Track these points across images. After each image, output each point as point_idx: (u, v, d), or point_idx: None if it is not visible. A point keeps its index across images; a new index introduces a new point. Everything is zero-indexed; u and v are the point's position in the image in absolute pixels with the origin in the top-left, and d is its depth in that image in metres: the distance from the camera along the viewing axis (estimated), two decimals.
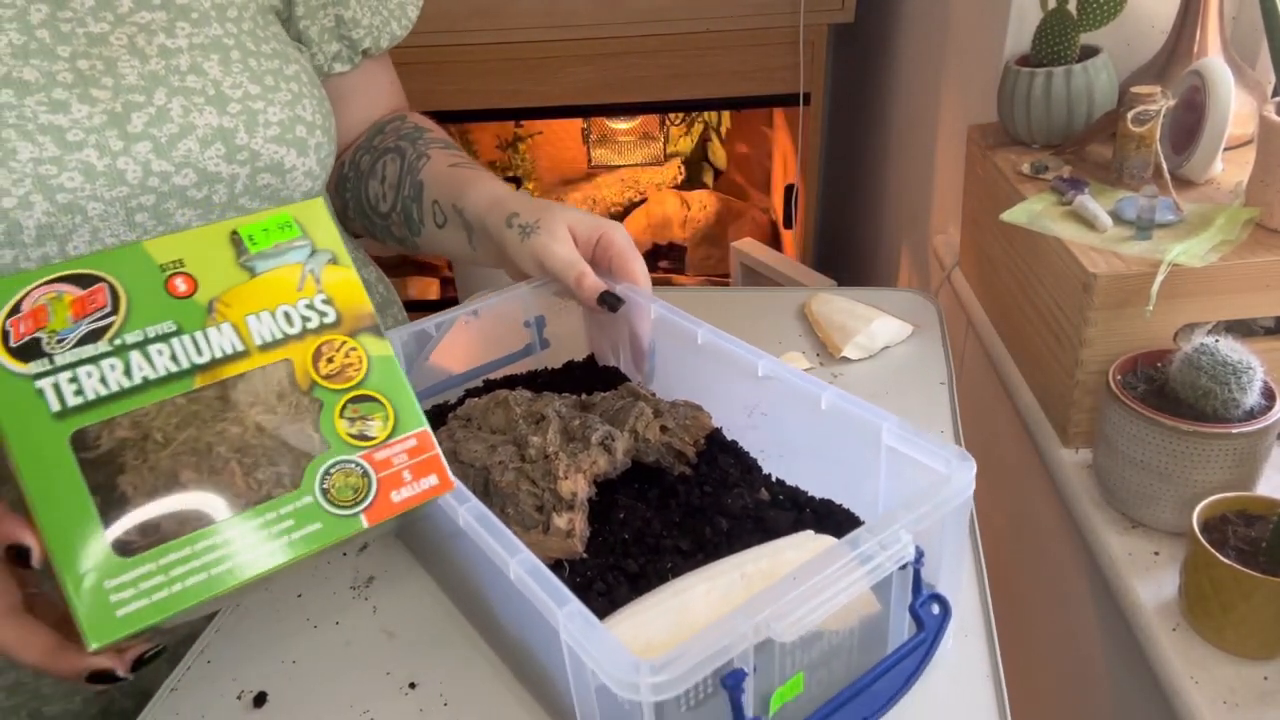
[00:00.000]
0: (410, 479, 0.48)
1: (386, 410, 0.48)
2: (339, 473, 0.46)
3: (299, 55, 0.72)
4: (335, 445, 0.47)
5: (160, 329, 0.44)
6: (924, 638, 0.48)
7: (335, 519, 0.46)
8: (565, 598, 0.43)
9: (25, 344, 0.42)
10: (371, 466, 0.47)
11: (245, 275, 0.47)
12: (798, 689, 0.46)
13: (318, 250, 0.49)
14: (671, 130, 2.74)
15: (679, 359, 0.70)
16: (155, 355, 0.44)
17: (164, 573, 0.42)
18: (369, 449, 0.47)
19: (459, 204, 0.75)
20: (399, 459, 0.48)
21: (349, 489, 0.46)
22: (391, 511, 0.47)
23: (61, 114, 0.58)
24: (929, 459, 0.51)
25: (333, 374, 0.47)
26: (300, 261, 0.48)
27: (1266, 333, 0.76)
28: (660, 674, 0.39)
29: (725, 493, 0.61)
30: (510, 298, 0.74)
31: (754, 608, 0.42)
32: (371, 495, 0.47)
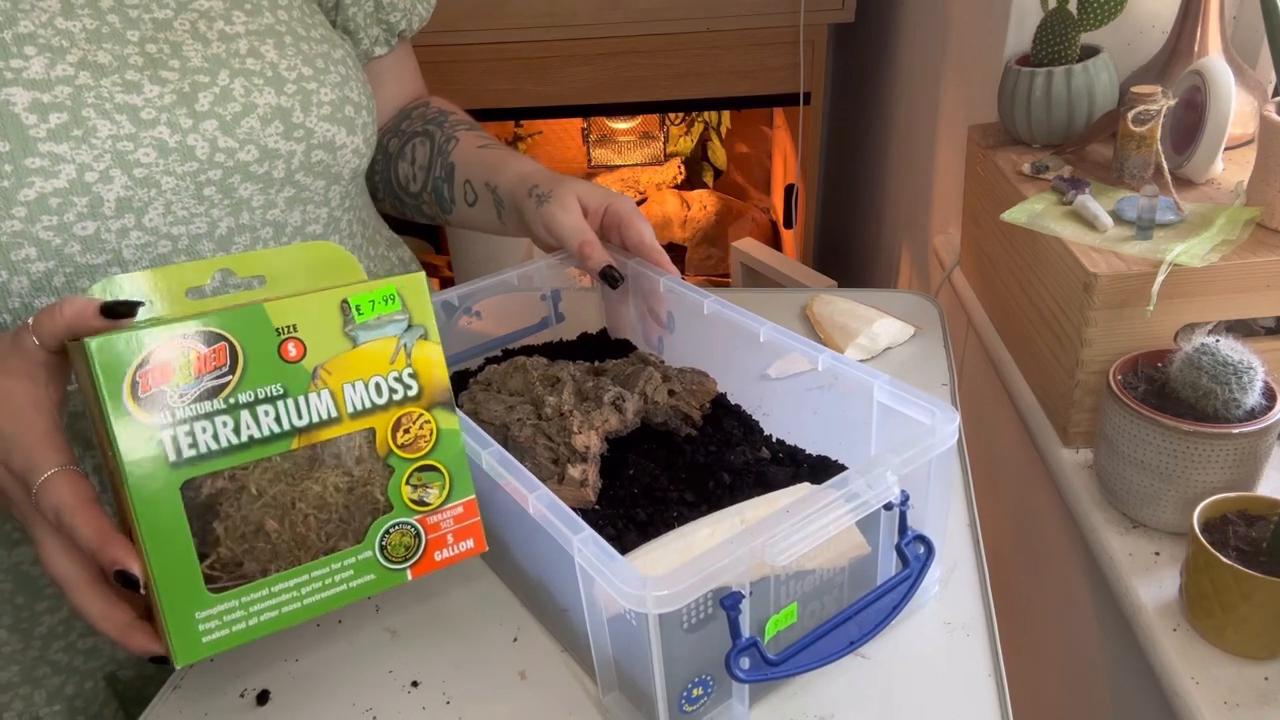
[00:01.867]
0: (452, 541, 0.54)
1: (445, 479, 0.53)
2: (396, 532, 0.52)
3: (341, 41, 0.77)
4: (398, 508, 0.52)
5: (269, 391, 0.48)
6: (909, 573, 0.52)
7: (387, 572, 0.52)
8: (579, 526, 0.47)
9: (150, 396, 0.45)
10: (424, 529, 0.53)
11: (348, 344, 0.50)
12: (791, 619, 0.51)
13: (413, 325, 0.52)
14: (671, 130, 2.73)
15: (686, 327, 0.74)
16: (262, 416, 0.48)
17: (244, 609, 0.48)
18: (424, 514, 0.52)
19: (492, 182, 0.80)
20: (446, 523, 0.53)
21: (402, 547, 0.52)
22: (432, 568, 0.53)
23: (135, 94, 0.61)
24: (916, 412, 0.55)
25: (407, 444, 0.52)
26: (397, 335, 0.51)
27: (1267, 333, 0.77)
28: (663, 588, 0.43)
29: (728, 451, 0.65)
30: (529, 273, 0.80)
31: (750, 535, 0.46)
32: (420, 553, 0.53)
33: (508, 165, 0.80)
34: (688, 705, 0.49)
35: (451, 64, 1.67)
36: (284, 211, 0.70)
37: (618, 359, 0.73)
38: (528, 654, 0.58)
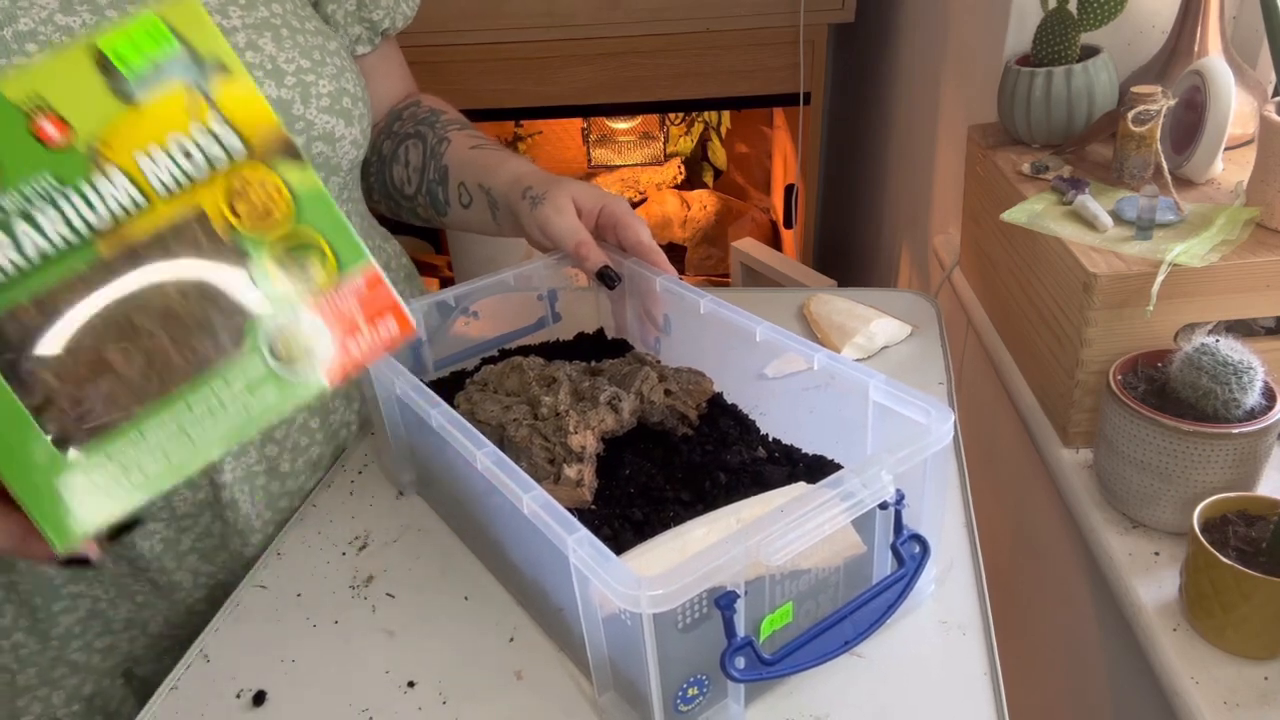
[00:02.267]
0: (365, 328, 0.42)
1: (324, 250, 0.42)
2: (280, 331, 0.41)
3: (334, 34, 0.77)
4: (273, 299, 0.40)
5: (37, 188, 0.37)
6: (904, 573, 0.52)
7: (291, 383, 0.41)
8: (574, 526, 0.47)
9: None
10: (320, 317, 0.41)
11: (122, 105, 0.38)
12: (787, 618, 0.50)
13: (202, 61, 0.40)
14: (671, 130, 2.73)
15: (683, 327, 0.74)
16: (44, 221, 0.37)
17: (119, 465, 0.38)
18: (315, 298, 0.41)
19: (486, 184, 0.80)
20: (347, 305, 0.42)
21: (299, 347, 0.41)
22: (354, 366, 0.42)
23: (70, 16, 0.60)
24: (911, 411, 0.55)
25: (254, 216, 0.41)
26: (185, 80, 0.39)
27: (1267, 333, 0.76)
28: (658, 588, 0.43)
29: (724, 450, 0.65)
30: (526, 273, 0.79)
31: (745, 535, 0.45)
32: (329, 350, 0.41)
33: (502, 166, 0.80)
34: (683, 705, 0.48)
35: (451, 64, 1.67)
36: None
37: (614, 359, 0.73)
38: (524, 654, 0.58)
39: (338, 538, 0.69)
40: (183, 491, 0.68)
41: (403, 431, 0.70)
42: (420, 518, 0.71)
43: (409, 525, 0.70)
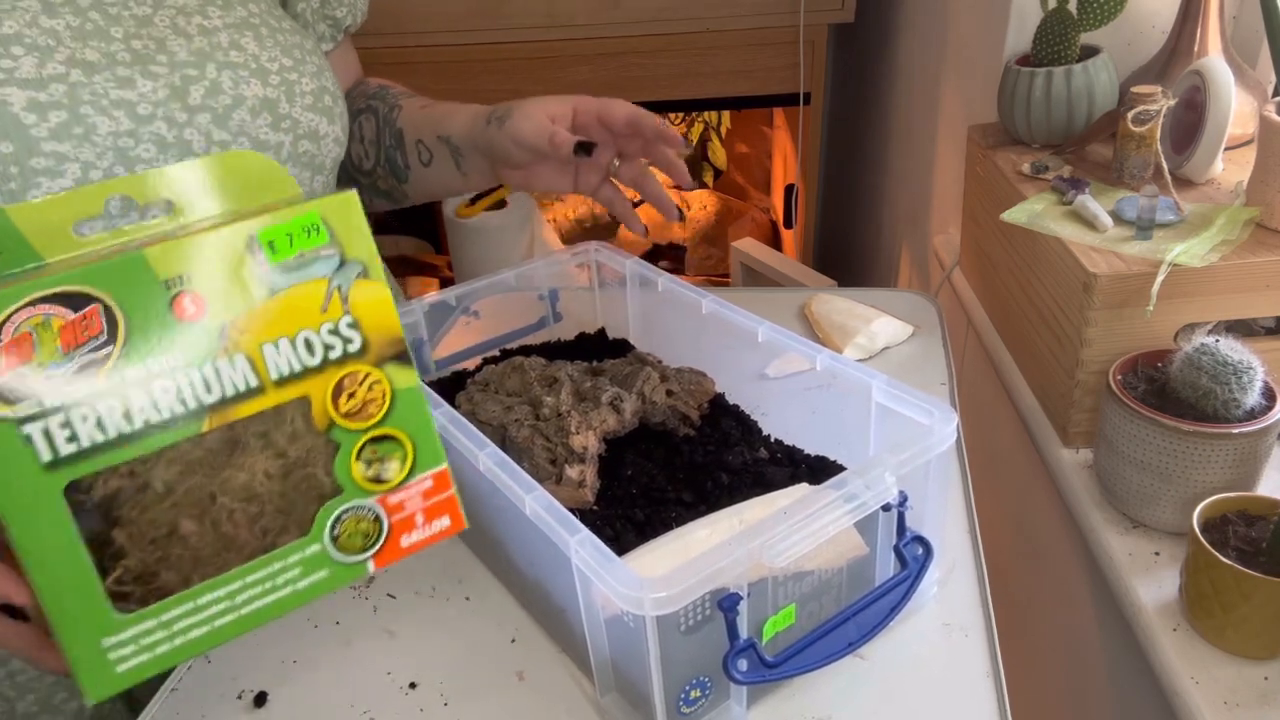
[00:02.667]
0: (422, 522, 0.45)
1: (406, 450, 0.44)
2: (350, 519, 0.43)
3: (307, 33, 0.77)
4: (349, 490, 0.43)
5: (165, 362, 0.38)
6: (907, 575, 0.52)
7: (342, 567, 0.43)
8: (576, 527, 0.47)
9: (7, 382, 0.35)
10: (384, 510, 0.44)
11: (264, 293, 0.40)
12: (789, 620, 0.50)
13: (347, 261, 0.41)
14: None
15: (684, 327, 0.74)
16: (160, 394, 0.38)
17: (165, 628, 0.39)
18: (383, 493, 0.44)
19: (444, 133, 0.79)
20: (413, 502, 0.44)
21: (359, 535, 0.43)
22: (399, 556, 0.45)
23: (129, 89, 0.61)
24: (914, 413, 0.55)
25: (353, 411, 0.42)
26: (326, 276, 0.41)
27: (1267, 333, 0.76)
28: (661, 590, 0.43)
29: (726, 451, 0.65)
30: (527, 272, 0.79)
31: (748, 537, 0.45)
32: (381, 540, 0.44)
33: (457, 112, 0.79)
34: (685, 707, 0.48)
35: (451, 64, 1.67)
36: None
37: (616, 359, 0.73)
38: (526, 655, 0.58)
39: None
40: None
41: None
42: None
43: None
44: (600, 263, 0.82)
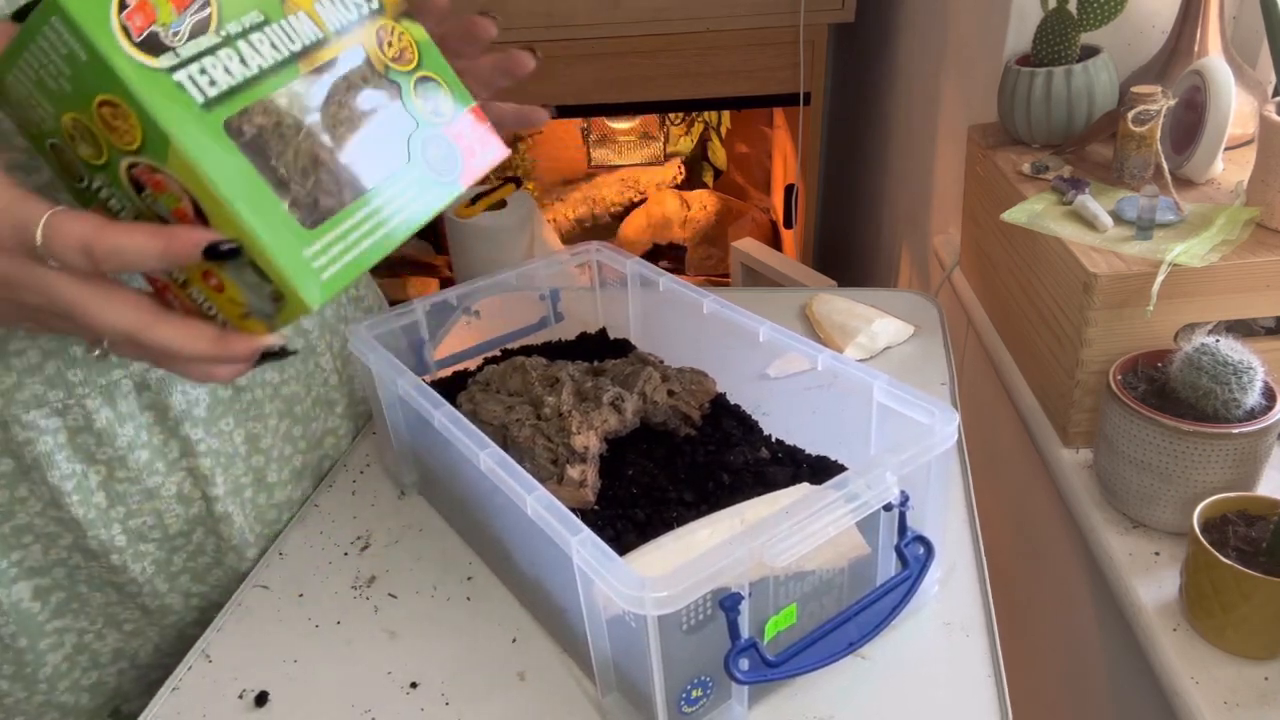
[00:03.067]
0: (479, 149, 0.52)
1: (444, 89, 0.51)
2: (432, 145, 0.50)
3: None
4: (421, 123, 0.50)
5: (250, 19, 0.44)
6: (908, 574, 0.52)
7: (440, 185, 0.50)
8: (577, 527, 0.48)
9: (147, 38, 0.40)
10: (453, 139, 0.51)
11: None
12: (791, 619, 0.50)
13: None
14: (671, 130, 2.73)
15: (685, 327, 0.74)
16: (258, 44, 0.44)
17: (343, 239, 0.45)
18: (445, 124, 0.51)
19: None
20: (466, 132, 0.52)
21: (442, 159, 0.50)
22: (475, 175, 0.52)
23: None
24: (915, 412, 0.55)
25: (396, 57, 0.49)
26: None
27: (1267, 333, 0.77)
28: (662, 590, 0.42)
29: (728, 451, 0.65)
30: (528, 272, 0.79)
31: (749, 536, 0.45)
32: (460, 165, 0.51)
33: None
34: (687, 706, 0.48)
35: None
36: None
37: (617, 359, 0.73)
38: (527, 655, 0.58)
39: (340, 538, 0.69)
40: (175, 508, 0.66)
41: (405, 432, 0.70)
42: (422, 518, 0.71)
43: (411, 525, 0.70)
44: (601, 263, 0.82)
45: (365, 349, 0.67)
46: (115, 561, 0.65)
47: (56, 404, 0.59)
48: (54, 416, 0.59)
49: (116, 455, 0.62)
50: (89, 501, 0.62)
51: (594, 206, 2.71)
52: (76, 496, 0.61)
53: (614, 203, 2.73)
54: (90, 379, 0.59)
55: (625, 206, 2.72)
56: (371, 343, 0.68)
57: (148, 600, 0.69)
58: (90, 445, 0.61)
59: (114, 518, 0.64)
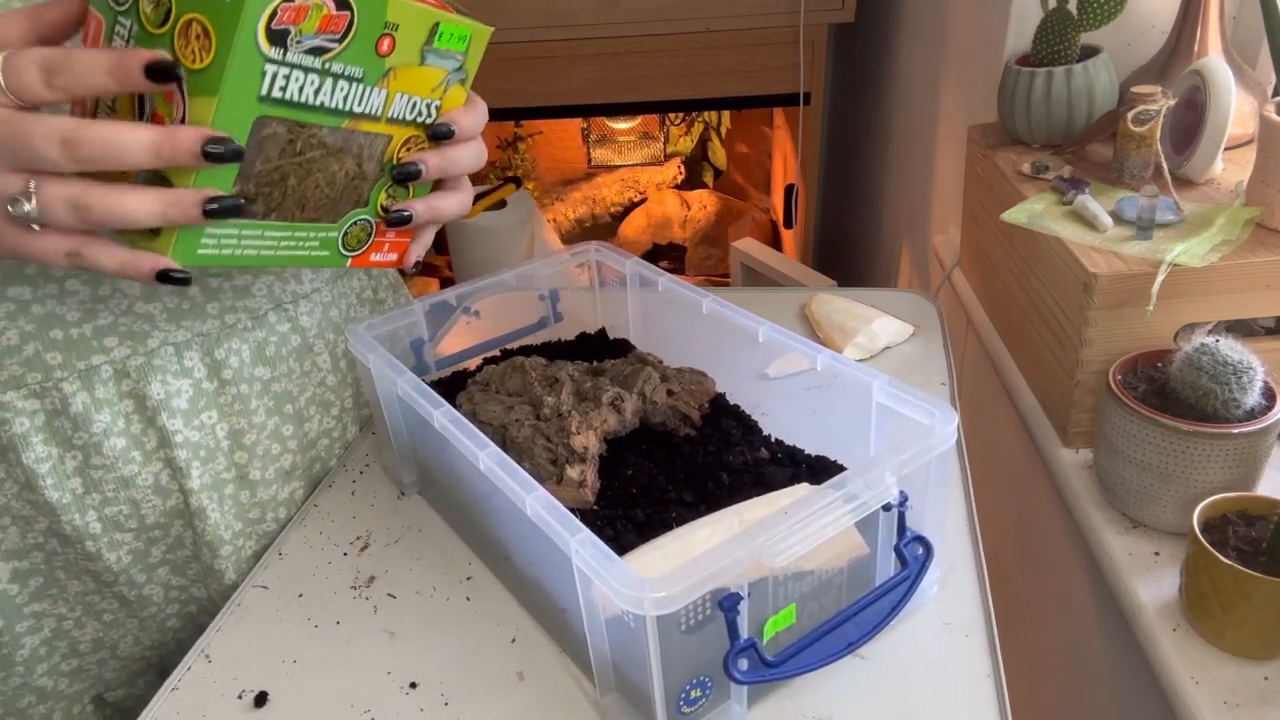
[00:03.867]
0: (386, 250, 0.61)
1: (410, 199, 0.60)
2: (359, 227, 0.58)
3: None
4: (370, 208, 0.58)
5: (355, 71, 0.51)
6: (907, 575, 0.52)
7: (338, 254, 0.58)
8: (576, 527, 0.48)
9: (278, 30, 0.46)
10: (375, 232, 0.59)
11: (418, 60, 0.54)
12: (790, 620, 0.50)
13: (462, 69, 0.57)
14: (671, 130, 2.74)
15: (685, 327, 0.74)
16: (338, 89, 0.51)
17: (238, 239, 0.51)
18: (382, 220, 0.59)
19: None
20: (389, 236, 0.61)
21: (355, 239, 0.59)
22: (363, 264, 0.61)
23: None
24: (914, 412, 0.55)
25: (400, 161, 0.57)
26: (448, 70, 0.56)
27: (1267, 333, 0.76)
28: (661, 590, 0.43)
29: (727, 451, 0.65)
30: (527, 272, 0.79)
31: (748, 536, 0.45)
32: (363, 249, 0.60)
33: None
34: (686, 706, 0.48)
35: None
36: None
37: (616, 359, 0.73)
38: (526, 655, 0.58)
39: (339, 538, 0.69)
40: (151, 499, 0.65)
41: (404, 432, 0.70)
42: (422, 518, 0.71)
43: (410, 526, 0.70)
44: (600, 263, 0.82)
45: (364, 349, 0.67)
46: (90, 548, 0.65)
47: (34, 386, 0.59)
48: (32, 398, 0.59)
49: (92, 441, 0.62)
50: (64, 486, 0.62)
51: (594, 206, 2.71)
52: (51, 480, 0.61)
53: (614, 203, 2.73)
54: (69, 362, 0.59)
55: (625, 206, 2.72)
56: (371, 343, 0.68)
57: (125, 590, 0.68)
58: (67, 429, 0.61)
59: (89, 504, 0.64)
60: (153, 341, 0.62)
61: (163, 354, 0.63)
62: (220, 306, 0.65)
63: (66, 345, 0.59)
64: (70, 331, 0.59)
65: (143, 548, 0.68)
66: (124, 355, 0.61)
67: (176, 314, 0.63)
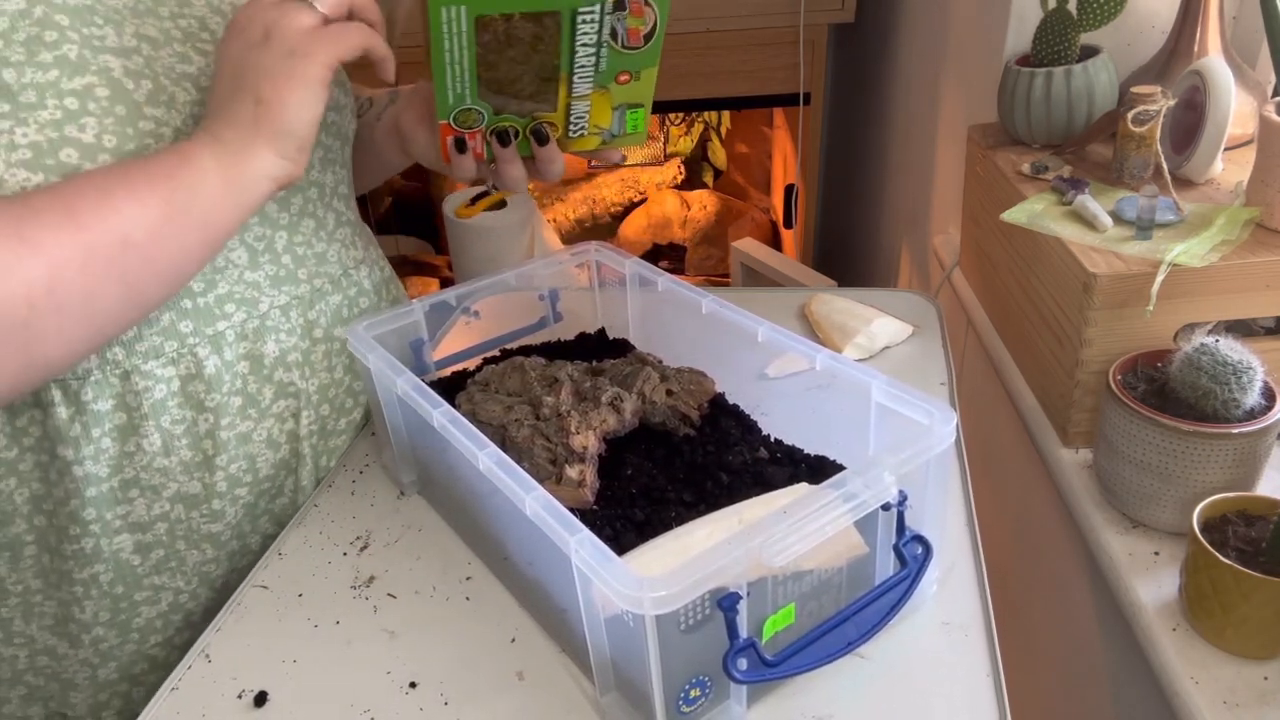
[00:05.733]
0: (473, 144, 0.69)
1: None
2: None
3: None
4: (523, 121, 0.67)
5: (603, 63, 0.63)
6: (907, 574, 0.52)
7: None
8: (576, 527, 0.48)
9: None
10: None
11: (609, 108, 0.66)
12: (789, 619, 0.50)
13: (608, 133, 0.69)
14: (671, 130, 2.73)
15: (684, 327, 0.74)
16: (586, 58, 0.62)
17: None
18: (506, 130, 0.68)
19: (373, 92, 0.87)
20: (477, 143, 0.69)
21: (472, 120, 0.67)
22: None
23: (187, 64, 0.65)
24: (913, 412, 0.55)
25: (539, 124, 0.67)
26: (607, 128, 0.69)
27: (1267, 333, 0.76)
28: (660, 589, 0.42)
29: (726, 451, 0.65)
30: (527, 273, 0.80)
31: (747, 536, 0.45)
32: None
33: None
34: (685, 706, 0.48)
35: None
36: (320, 172, 0.73)
37: (616, 359, 0.73)
38: (526, 655, 0.58)
39: (339, 538, 0.69)
40: (265, 452, 0.71)
41: (404, 432, 0.70)
42: (421, 518, 0.71)
43: (410, 525, 0.70)
44: (600, 263, 0.82)
45: (364, 349, 0.67)
46: (216, 507, 0.70)
47: (171, 354, 0.64)
48: (169, 365, 0.65)
49: (221, 401, 0.67)
50: (197, 446, 0.67)
51: (594, 206, 2.71)
52: (185, 441, 0.66)
53: (614, 203, 2.73)
54: (199, 329, 0.65)
55: (625, 206, 2.72)
56: (370, 343, 0.68)
57: (234, 545, 0.73)
58: (200, 393, 0.66)
59: (218, 464, 0.68)
60: (263, 305, 0.69)
61: (272, 316, 0.69)
62: (308, 272, 0.72)
63: (195, 314, 0.65)
64: (197, 301, 0.65)
65: (253, 500, 0.72)
66: (241, 319, 0.67)
67: (276, 280, 0.69)
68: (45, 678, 0.71)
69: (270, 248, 0.69)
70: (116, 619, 0.69)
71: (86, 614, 0.68)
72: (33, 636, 0.69)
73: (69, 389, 0.62)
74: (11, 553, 0.66)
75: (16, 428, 0.63)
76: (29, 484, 0.64)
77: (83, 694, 0.72)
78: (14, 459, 0.63)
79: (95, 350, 0.58)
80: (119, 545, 0.67)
